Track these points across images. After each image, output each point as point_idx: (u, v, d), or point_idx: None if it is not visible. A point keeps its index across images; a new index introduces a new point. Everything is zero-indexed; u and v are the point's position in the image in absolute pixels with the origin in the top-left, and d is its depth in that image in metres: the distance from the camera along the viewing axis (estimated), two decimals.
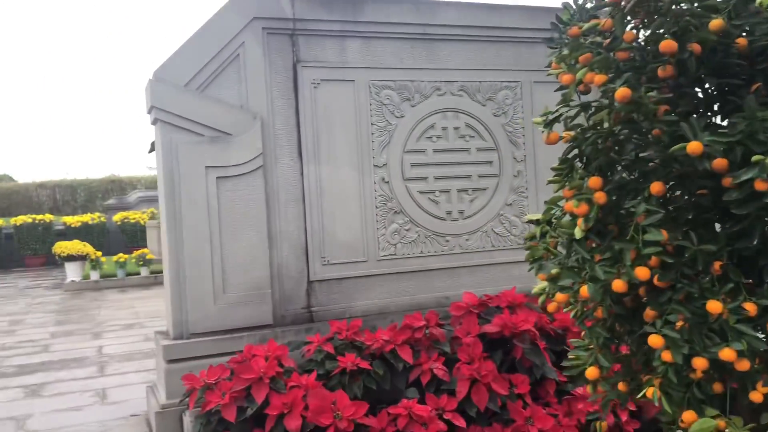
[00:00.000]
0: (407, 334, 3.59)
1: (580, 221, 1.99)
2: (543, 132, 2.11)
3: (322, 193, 4.09)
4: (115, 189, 27.00)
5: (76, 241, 11.67)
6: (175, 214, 3.83)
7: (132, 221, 18.82)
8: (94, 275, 11.70)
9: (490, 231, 4.35)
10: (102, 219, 18.82)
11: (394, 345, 3.52)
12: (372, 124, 4.13)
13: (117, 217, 19.04)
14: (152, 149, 11.13)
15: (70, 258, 11.46)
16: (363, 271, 4.14)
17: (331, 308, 4.10)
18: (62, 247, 11.52)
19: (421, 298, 4.21)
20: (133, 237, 18.85)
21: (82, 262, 11.70)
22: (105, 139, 67.58)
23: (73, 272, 11.61)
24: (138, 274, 12.03)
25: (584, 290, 1.94)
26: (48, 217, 18.53)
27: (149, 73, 3.90)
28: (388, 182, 4.15)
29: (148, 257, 11.93)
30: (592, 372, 2.10)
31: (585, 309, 2.15)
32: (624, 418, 3.27)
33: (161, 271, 12.90)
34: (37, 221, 18.19)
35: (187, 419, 3.45)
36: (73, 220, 18.39)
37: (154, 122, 3.95)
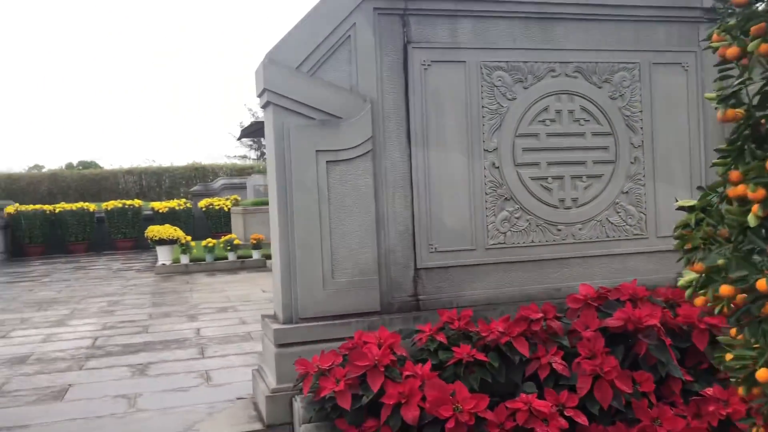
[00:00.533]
0: (523, 326, 3.45)
1: (755, 207, 1.81)
2: (717, 109, 1.93)
3: (429, 179, 3.99)
4: (198, 176, 27.74)
5: (167, 226, 12.01)
6: (285, 198, 3.80)
7: (216, 207, 19.27)
8: (184, 259, 12.00)
9: (604, 220, 4.15)
10: (188, 205, 19.36)
11: (510, 337, 3.39)
12: (483, 106, 3.99)
13: (202, 203, 19.54)
14: (242, 135, 11.25)
15: (162, 242, 11.80)
16: (471, 260, 4.01)
17: (438, 297, 4.00)
18: (154, 231, 11.87)
19: (531, 289, 4.05)
20: (218, 222, 19.32)
21: (172, 246, 12.02)
22: (186, 128, 69.60)
23: (164, 256, 11.94)
24: (225, 258, 12.27)
25: (762, 283, 1.77)
26: (137, 202, 19.19)
27: (226, 63, 3.87)
28: (498, 167, 4.00)
29: (235, 242, 12.15)
30: (764, 374, 1.91)
31: (751, 304, 1.96)
32: None
33: (248, 256, 13.18)
34: (126, 206, 18.86)
35: (298, 404, 3.42)
36: (161, 206, 18.97)
37: (266, 105, 3.93)
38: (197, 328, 6.55)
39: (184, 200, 19.64)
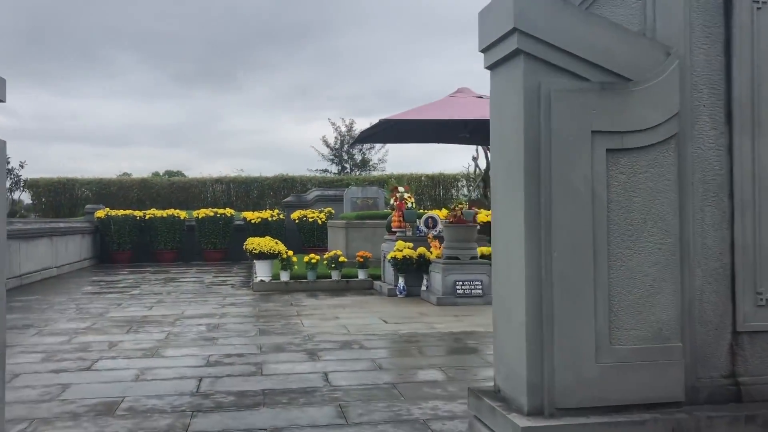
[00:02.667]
0: None
1: None
2: None
3: (760, 184, 2.44)
4: (286, 187, 26.87)
5: (267, 238, 10.81)
6: (535, 204, 2.34)
7: (310, 220, 18.16)
8: (284, 276, 10.77)
9: None
10: (281, 216, 18.31)
11: None
12: None
13: (295, 214, 18.46)
14: (357, 141, 9.91)
15: (262, 256, 10.59)
16: None
17: None
18: (253, 243, 10.69)
19: None
20: (310, 236, 18.18)
21: (272, 260, 10.80)
22: (266, 142, 69.89)
23: (262, 271, 10.74)
24: (328, 277, 10.97)
25: None
26: (228, 211, 18.28)
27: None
28: None
29: (340, 260, 10.82)
30: None
31: None
32: None
33: (353, 276, 11.71)
34: (218, 215, 17.97)
35: None
36: (253, 216, 18.00)
37: (507, 59, 2.48)
38: (323, 371, 5.16)
39: (276, 211, 18.61)
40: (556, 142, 2.31)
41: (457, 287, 8.82)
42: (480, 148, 8.61)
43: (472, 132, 9.16)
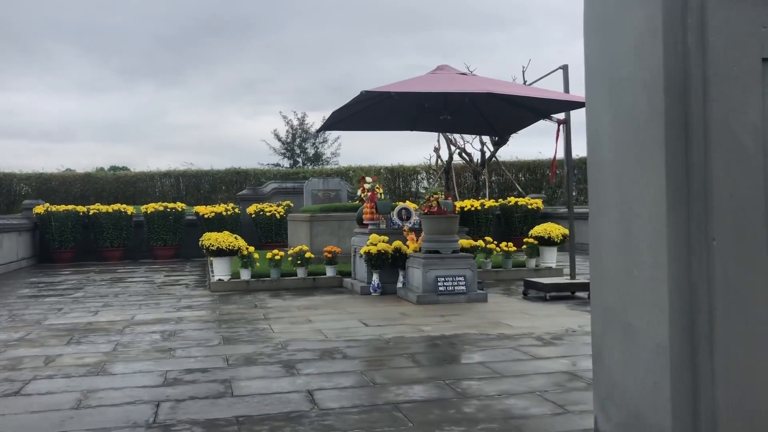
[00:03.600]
0: None
1: None
2: None
3: None
4: (239, 181, 25.75)
5: (226, 233, 9.86)
6: (684, 167, 1.54)
7: (268, 214, 17.18)
8: (245, 274, 9.85)
9: None
10: (236, 210, 17.27)
11: None
12: None
13: (251, 208, 17.47)
14: (321, 129, 9.05)
15: (220, 252, 9.64)
16: None
17: None
18: (210, 239, 9.72)
19: None
20: (268, 231, 17.22)
21: (231, 257, 9.85)
22: (220, 135, 68.21)
23: (221, 269, 9.78)
24: (293, 275, 10.09)
25: None
26: (179, 205, 17.16)
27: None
28: None
29: (306, 256, 9.95)
30: None
31: None
32: None
33: (321, 273, 10.66)
34: (168, 210, 16.84)
35: None
36: (206, 211, 16.92)
37: None
38: (306, 389, 4.31)
39: (231, 205, 17.56)
40: (711, 76, 1.55)
41: (439, 284, 8.06)
42: (558, 122, 7.82)
43: (455, 113, 8.39)
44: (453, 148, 21.77)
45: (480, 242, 10.00)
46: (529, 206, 18.94)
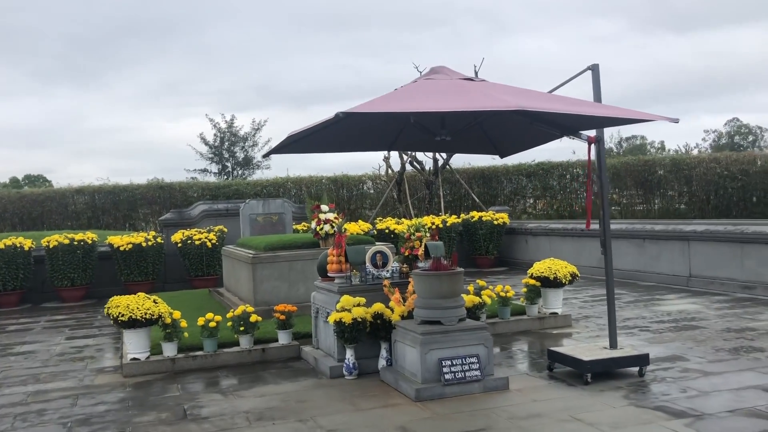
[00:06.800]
0: None
1: None
2: None
3: None
4: (164, 197, 22.76)
5: (141, 296, 7.28)
6: None
7: (197, 242, 14.56)
8: (169, 349, 7.33)
9: None
10: (158, 240, 14.54)
11: None
12: None
13: (176, 236, 14.80)
14: (270, 152, 6.66)
15: (134, 323, 7.08)
16: None
17: None
18: (120, 305, 7.12)
19: None
20: (198, 263, 14.61)
21: (149, 327, 7.31)
22: (143, 138, 64.18)
23: (136, 345, 7.22)
24: (235, 344, 7.65)
25: None
26: (89, 236, 14.30)
27: None
28: None
29: (251, 319, 7.51)
30: None
31: None
32: None
33: (272, 340, 6.37)
34: (76, 243, 13.97)
35: None
36: (122, 242, 14.14)
37: None
38: None
39: (153, 233, 14.82)
40: None
41: (445, 369, 5.80)
42: (588, 141, 5.81)
43: (456, 132, 6.13)
44: (405, 157, 19.59)
45: (486, 296, 7.76)
46: (495, 222, 16.93)
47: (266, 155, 7.64)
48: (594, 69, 6.44)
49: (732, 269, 11.23)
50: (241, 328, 7.50)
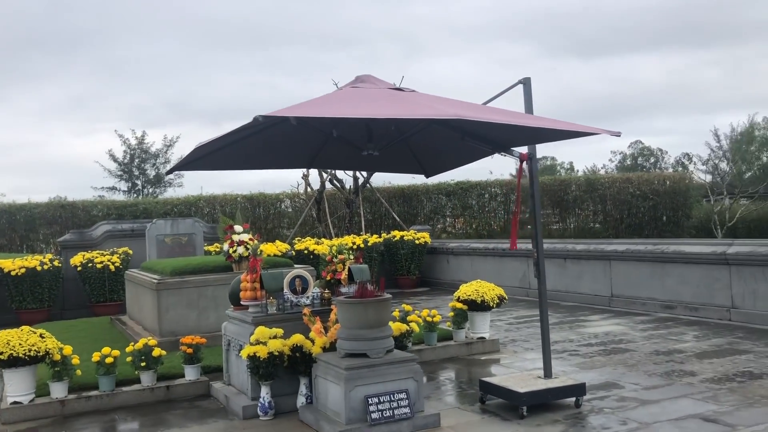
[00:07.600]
0: None
1: None
2: None
3: None
4: (66, 216, 21.25)
5: (26, 329, 6.38)
6: None
7: (99, 266, 13.48)
8: (58, 390, 6.45)
9: None
10: (56, 263, 13.39)
11: None
12: None
13: (76, 259, 13.67)
14: (174, 169, 5.97)
15: (15, 362, 6.18)
16: None
17: None
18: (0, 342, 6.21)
19: None
20: (100, 288, 13.52)
21: (34, 366, 6.42)
22: (47, 155, 61.03)
23: (19, 386, 6.31)
24: (136, 381, 6.84)
25: None
26: None
27: None
28: None
29: (154, 354, 6.74)
30: None
31: None
32: None
33: (177, 376, 5.37)
34: None
35: None
36: (14, 266, 12.92)
37: None
38: None
39: (50, 256, 13.63)
40: None
41: (371, 408, 5.26)
42: (520, 158, 5.40)
43: (383, 147, 5.64)
44: (325, 174, 19.05)
45: (413, 323, 7.27)
46: (417, 241, 16.60)
47: (169, 171, 6.87)
48: (526, 83, 6.13)
49: (653, 289, 11.22)
50: (143, 364, 6.71)
